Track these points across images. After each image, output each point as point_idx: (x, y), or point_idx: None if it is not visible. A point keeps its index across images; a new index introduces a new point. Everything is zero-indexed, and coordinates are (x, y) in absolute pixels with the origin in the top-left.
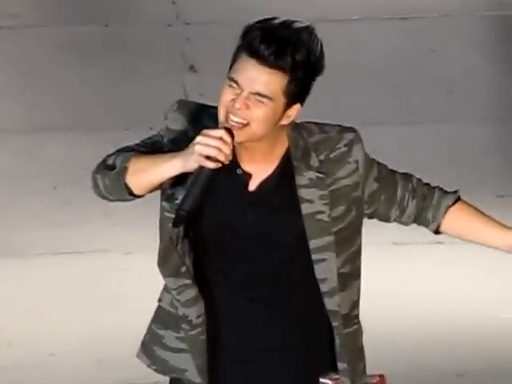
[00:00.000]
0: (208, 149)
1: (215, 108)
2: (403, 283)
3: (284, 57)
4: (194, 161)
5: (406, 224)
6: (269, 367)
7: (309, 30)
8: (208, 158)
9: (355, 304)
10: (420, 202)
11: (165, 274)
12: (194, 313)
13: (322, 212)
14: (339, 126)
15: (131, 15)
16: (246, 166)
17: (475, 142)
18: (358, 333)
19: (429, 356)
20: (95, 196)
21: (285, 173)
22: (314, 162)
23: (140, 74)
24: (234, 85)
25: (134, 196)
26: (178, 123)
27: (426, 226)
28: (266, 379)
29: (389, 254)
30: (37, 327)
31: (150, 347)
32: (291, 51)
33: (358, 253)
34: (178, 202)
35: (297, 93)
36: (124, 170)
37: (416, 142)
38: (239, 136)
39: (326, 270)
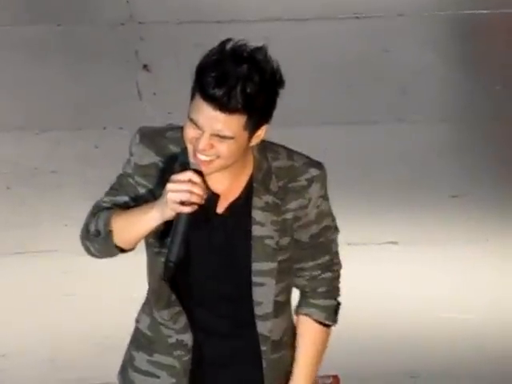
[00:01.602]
0: (179, 194)
1: (177, 130)
2: (357, 284)
3: (235, 98)
4: (170, 209)
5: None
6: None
7: (262, 52)
8: (182, 203)
9: (286, 331)
10: (307, 289)
11: (159, 308)
12: (189, 337)
13: (271, 237)
14: (308, 158)
15: (84, 14)
16: (215, 187)
17: (429, 142)
18: (288, 358)
19: (383, 357)
20: (47, 196)
21: (249, 195)
22: (274, 186)
23: (93, 73)
24: (195, 125)
25: (126, 251)
26: (145, 158)
27: (296, 304)
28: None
29: (344, 254)
30: None
31: (126, 368)
32: (242, 88)
33: (293, 283)
34: (166, 240)
35: (260, 119)
36: (109, 233)
37: (369, 142)
38: (210, 169)
39: (264, 294)
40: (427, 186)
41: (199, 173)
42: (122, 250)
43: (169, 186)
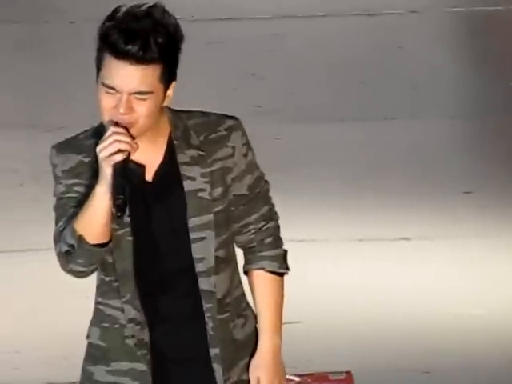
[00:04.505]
0: (108, 148)
1: (88, 130)
2: (370, 279)
3: (151, 48)
4: (106, 167)
5: (235, 242)
6: (200, 363)
7: (159, 8)
8: (112, 155)
9: (228, 292)
10: (254, 243)
11: (129, 297)
12: (146, 334)
13: (203, 190)
14: (220, 113)
15: (95, 10)
16: (136, 158)
17: (441, 139)
18: (234, 325)
19: (396, 353)
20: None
21: (173, 154)
22: (195, 140)
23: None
24: (112, 91)
25: (107, 244)
26: (69, 162)
27: (244, 263)
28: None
29: (355, 250)
30: (2, 324)
31: None
32: (154, 39)
33: (231, 239)
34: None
35: (171, 73)
36: (80, 238)
37: (382, 138)
38: (133, 133)
39: (205, 249)
40: (440, 182)
41: (120, 125)
42: (103, 246)
43: (98, 148)
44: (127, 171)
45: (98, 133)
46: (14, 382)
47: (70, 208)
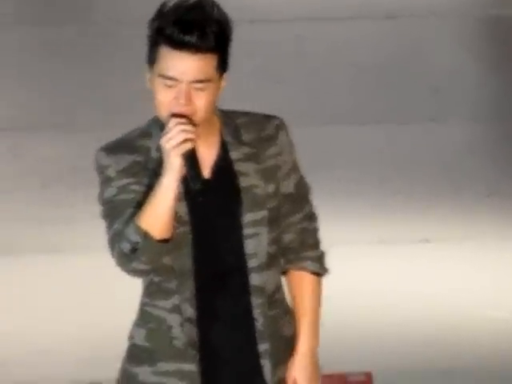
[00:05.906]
0: (176, 138)
1: (132, 130)
2: (391, 281)
3: (207, 37)
4: (174, 157)
5: None
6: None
7: (207, 0)
8: (180, 144)
9: (278, 289)
10: (296, 244)
11: (187, 296)
12: (198, 334)
13: (258, 186)
14: (265, 114)
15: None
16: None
17: (463, 142)
18: (283, 322)
19: (416, 354)
20: (81, 195)
21: (226, 151)
22: (246, 138)
23: (127, 73)
24: (170, 82)
25: (169, 241)
26: (122, 161)
27: (284, 262)
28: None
29: (377, 252)
30: (28, 324)
31: None
32: (209, 29)
33: (280, 237)
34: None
35: (224, 63)
36: (146, 235)
37: (403, 141)
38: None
39: (257, 244)
40: (460, 184)
41: (180, 116)
42: (165, 241)
43: (163, 140)
44: (197, 159)
45: (146, 133)
46: (42, 381)
47: (124, 209)
